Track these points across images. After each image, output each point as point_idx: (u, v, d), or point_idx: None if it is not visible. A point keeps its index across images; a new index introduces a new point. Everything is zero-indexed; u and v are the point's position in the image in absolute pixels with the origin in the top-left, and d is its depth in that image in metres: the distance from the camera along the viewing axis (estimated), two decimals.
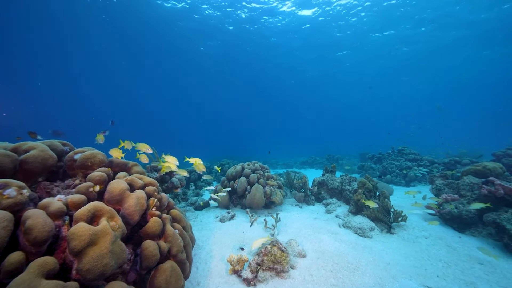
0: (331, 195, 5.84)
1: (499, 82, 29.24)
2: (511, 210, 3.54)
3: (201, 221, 4.75)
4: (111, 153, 2.98)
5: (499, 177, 4.51)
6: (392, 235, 3.91)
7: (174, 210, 2.49)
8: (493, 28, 17.16)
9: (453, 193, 4.51)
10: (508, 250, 3.37)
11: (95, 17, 17.54)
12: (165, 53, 24.31)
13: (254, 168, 5.79)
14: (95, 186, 1.84)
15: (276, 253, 2.64)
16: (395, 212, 4.12)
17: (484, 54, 21.27)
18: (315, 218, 4.73)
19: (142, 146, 3.41)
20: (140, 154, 3.46)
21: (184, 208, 5.87)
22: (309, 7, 16.97)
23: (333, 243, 3.32)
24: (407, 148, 10.24)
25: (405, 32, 19.43)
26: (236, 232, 3.89)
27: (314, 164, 16.44)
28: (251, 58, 25.46)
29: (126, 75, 30.83)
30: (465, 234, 3.98)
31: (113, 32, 19.73)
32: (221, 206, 5.59)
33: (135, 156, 3.74)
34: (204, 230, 4.04)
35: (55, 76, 31.00)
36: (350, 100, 45.25)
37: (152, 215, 2.08)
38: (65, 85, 35.33)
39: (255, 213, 5.21)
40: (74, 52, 23.32)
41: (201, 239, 3.65)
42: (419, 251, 3.31)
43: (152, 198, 2.20)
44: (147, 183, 2.37)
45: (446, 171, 8.09)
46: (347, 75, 29.27)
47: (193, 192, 7.29)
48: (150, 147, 3.49)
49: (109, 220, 1.59)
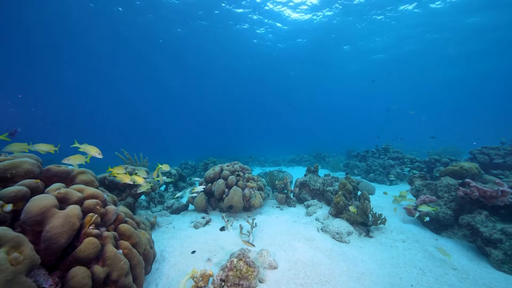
0: (313, 196, 5.70)
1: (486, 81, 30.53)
2: (485, 213, 3.52)
3: (174, 227, 4.45)
4: (70, 160, 2.62)
5: (475, 177, 4.54)
6: (370, 239, 3.81)
7: (124, 226, 2.19)
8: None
9: (431, 194, 4.49)
10: (481, 253, 3.36)
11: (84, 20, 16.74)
12: (154, 53, 23.45)
13: (233, 169, 5.52)
14: (5, 205, 1.50)
15: (242, 268, 2.41)
16: (374, 215, 4.02)
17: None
18: (295, 222, 4.56)
19: (91, 149, 2.97)
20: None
21: (159, 212, 5.54)
22: (293, 8, 16.66)
23: (308, 251, 3.15)
24: (391, 147, 10.37)
25: (387, 40, 19.79)
26: (208, 240, 3.63)
27: (301, 162, 16.43)
28: (241, 58, 25.07)
29: (114, 75, 29.57)
30: (442, 236, 3.96)
31: (97, 32, 18.74)
32: (198, 210, 5.30)
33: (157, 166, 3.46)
34: (174, 239, 3.74)
35: (46, 77, 29.53)
36: (340, 98, 45.92)
37: (87, 234, 1.77)
38: (57, 87, 33.82)
39: (234, 217, 4.98)
40: (65, 54, 22.31)
41: (168, 250, 3.36)
42: (395, 256, 3.22)
43: (91, 214, 1.88)
44: (88, 195, 2.04)
45: (425, 170, 8.23)
46: (336, 74, 29.50)
47: (172, 195, 6.93)
48: (100, 151, 3.04)
49: (11, 251, 1.27)
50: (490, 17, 16.24)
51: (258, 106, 53.49)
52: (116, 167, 3.65)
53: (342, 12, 16.76)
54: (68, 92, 39.03)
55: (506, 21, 16.32)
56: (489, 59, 23.11)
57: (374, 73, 27.92)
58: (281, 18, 17.83)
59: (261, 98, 45.34)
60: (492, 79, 30.33)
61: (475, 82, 31.10)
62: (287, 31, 19.64)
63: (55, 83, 33.24)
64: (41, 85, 33.85)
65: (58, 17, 16.62)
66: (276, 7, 16.50)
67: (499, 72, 26.99)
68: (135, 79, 31.76)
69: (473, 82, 31.09)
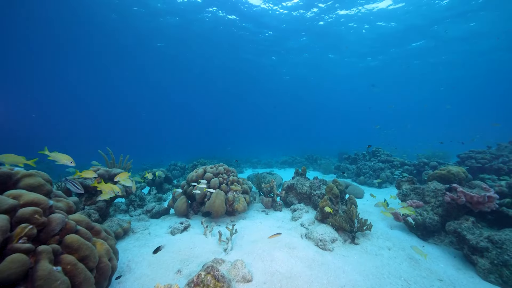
0: (300, 200, 5.51)
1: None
2: (472, 219, 3.40)
3: (149, 233, 4.15)
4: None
5: (462, 182, 4.45)
6: (355, 246, 3.63)
7: (71, 237, 1.91)
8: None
9: (418, 199, 4.36)
10: (468, 261, 3.23)
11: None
12: (150, 56, 23.08)
13: (217, 171, 5.27)
14: None
15: (209, 283, 2.17)
16: (360, 221, 3.85)
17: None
18: (279, 227, 4.35)
19: (61, 157, 2.74)
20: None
21: (138, 217, 5.22)
22: (284, 8, 16.61)
23: (288, 261, 2.93)
24: (381, 149, 10.33)
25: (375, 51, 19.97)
26: (183, 249, 3.36)
27: (294, 164, 16.29)
28: (240, 60, 24.93)
29: (110, 76, 28.97)
30: (428, 243, 3.82)
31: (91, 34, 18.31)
32: (179, 214, 5.02)
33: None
34: (146, 247, 3.46)
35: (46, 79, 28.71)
36: (333, 101, 46.32)
37: (13, 250, 1.49)
38: (56, 89, 32.93)
39: (216, 222, 4.72)
40: (64, 56, 22.00)
41: (136, 260, 3.07)
42: (380, 266, 3.04)
43: (23, 225, 1.61)
44: (25, 202, 1.76)
45: (414, 173, 8.19)
46: (331, 76, 29.69)
47: (154, 197, 6.60)
48: (73, 159, 2.82)
49: None
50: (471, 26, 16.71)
51: (254, 108, 53.36)
52: (85, 171, 3.37)
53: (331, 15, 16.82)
54: (57, 92, 37.93)
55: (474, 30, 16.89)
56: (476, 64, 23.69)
57: (369, 78, 28.29)
58: (274, 20, 17.74)
59: (257, 100, 45.27)
60: (469, 84, 30.95)
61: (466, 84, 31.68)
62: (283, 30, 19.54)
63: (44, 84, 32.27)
64: (41, 86, 32.98)
65: (58, 17, 16.28)
66: (267, 6, 16.42)
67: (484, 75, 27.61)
68: (132, 81, 31.24)
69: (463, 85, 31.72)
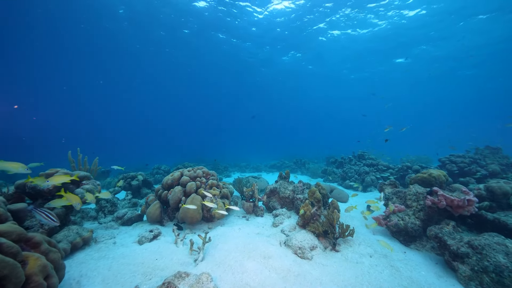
0: (283, 205, 5.29)
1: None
2: (453, 223, 3.32)
3: (114, 243, 3.75)
4: None
5: (443, 185, 4.42)
6: (335, 253, 3.43)
7: None
8: None
9: (400, 202, 4.27)
10: (449, 267, 3.11)
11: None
12: (146, 56, 22.62)
13: (195, 175, 4.96)
14: None
15: None
16: (342, 226, 3.67)
17: None
18: (258, 234, 4.08)
19: (13, 165, 2.44)
20: None
21: (106, 224, 4.77)
22: (279, 9, 16.82)
23: (261, 272, 2.67)
24: (367, 153, 10.41)
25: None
26: (146, 260, 3.02)
27: (282, 168, 16.15)
28: (233, 64, 24.85)
29: (114, 77, 27.96)
30: (410, 248, 3.70)
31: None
32: (151, 221, 4.63)
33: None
34: (104, 259, 3.08)
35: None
36: (324, 107, 47.15)
37: None
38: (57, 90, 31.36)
39: (191, 229, 4.39)
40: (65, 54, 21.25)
41: (89, 275, 2.69)
42: (359, 275, 2.85)
43: None
44: None
45: (401, 173, 8.25)
46: (322, 81, 30.20)
47: (128, 203, 6.13)
48: (27, 166, 2.52)
49: None
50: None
51: (246, 112, 53.21)
52: (36, 177, 3.05)
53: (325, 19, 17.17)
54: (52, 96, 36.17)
55: None
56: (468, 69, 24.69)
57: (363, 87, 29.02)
58: (266, 24, 17.86)
59: (249, 105, 45.26)
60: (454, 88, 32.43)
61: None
62: (270, 37, 19.72)
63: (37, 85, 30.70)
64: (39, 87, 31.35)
65: (58, 18, 15.68)
66: (258, 9, 16.52)
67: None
68: (128, 81, 30.25)
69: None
